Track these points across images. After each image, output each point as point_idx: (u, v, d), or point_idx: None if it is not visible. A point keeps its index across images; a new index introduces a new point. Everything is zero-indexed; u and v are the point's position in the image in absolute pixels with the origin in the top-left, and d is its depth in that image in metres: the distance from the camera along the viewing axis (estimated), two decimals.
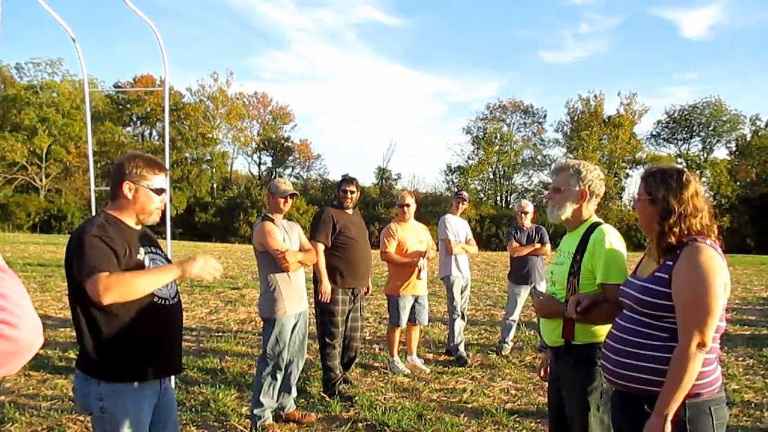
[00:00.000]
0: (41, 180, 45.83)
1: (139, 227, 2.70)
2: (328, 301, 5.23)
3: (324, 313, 5.34)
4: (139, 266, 2.56)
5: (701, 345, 2.14)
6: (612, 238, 2.79)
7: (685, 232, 2.28)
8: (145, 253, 2.63)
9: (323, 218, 5.37)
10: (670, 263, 2.26)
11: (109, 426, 2.50)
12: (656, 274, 2.30)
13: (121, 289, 2.37)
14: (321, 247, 5.24)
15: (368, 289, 5.83)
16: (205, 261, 2.62)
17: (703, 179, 49.28)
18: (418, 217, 6.56)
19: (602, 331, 2.72)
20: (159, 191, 2.67)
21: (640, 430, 2.22)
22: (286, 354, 4.51)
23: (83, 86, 5.02)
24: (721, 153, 51.83)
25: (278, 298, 4.45)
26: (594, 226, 2.88)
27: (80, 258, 2.42)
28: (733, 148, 51.30)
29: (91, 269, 2.37)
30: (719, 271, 2.19)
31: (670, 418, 2.15)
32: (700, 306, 2.15)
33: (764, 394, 5.53)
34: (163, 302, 2.63)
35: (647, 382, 2.24)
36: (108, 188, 2.72)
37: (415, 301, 6.24)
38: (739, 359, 6.86)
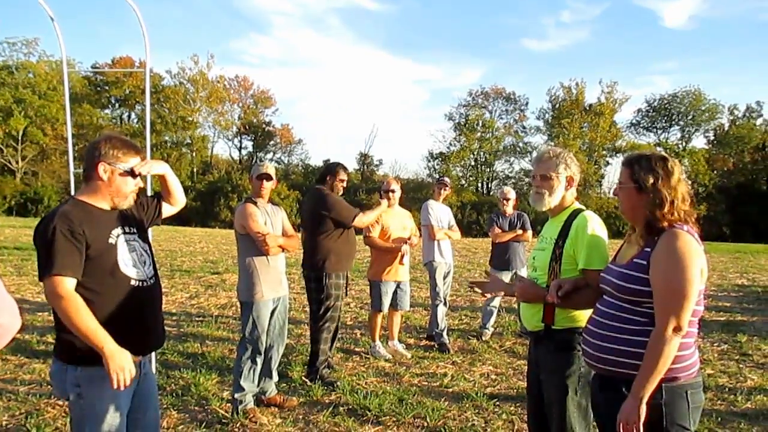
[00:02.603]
0: (17, 162, 45.00)
1: (113, 210, 2.63)
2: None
3: (327, 298, 5.23)
4: (109, 250, 2.52)
5: (677, 329, 2.18)
6: (594, 224, 2.81)
7: (676, 219, 2.30)
8: (119, 235, 2.58)
9: (336, 198, 5.37)
10: (648, 249, 2.29)
11: (87, 412, 2.48)
12: (635, 260, 2.33)
13: (67, 309, 2.35)
14: (359, 214, 5.38)
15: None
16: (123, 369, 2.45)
17: (682, 168, 49.82)
18: (401, 203, 6.55)
19: (582, 316, 2.76)
20: (134, 174, 2.61)
21: (618, 411, 2.27)
22: (264, 338, 4.50)
23: (61, 67, 4.92)
24: (699, 142, 52.51)
25: (256, 281, 4.43)
26: (576, 213, 2.91)
27: (45, 252, 2.40)
28: (711, 138, 51.96)
29: (55, 268, 2.36)
30: (696, 257, 2.22)
31: (645, 400, 2.19)
32: (676, 291, 2.18)
33: (738, 379, 5.65)
34: (140, 284, 2.60)
35: (626, 366, 2.28)
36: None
37: (397, 286, 6.25)
38: (714, 345, 6.99)
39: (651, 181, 2.33)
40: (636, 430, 2.20)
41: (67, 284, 2.37)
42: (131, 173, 2.60)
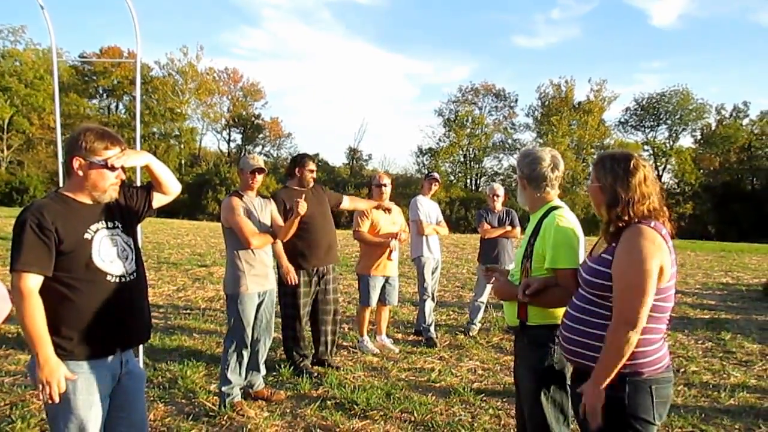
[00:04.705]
0: (2, 152, 44.54)
1: (97, 203, 2.59)
2: (294, 283, 5.14)
3: (286, 294, 5.29)
4: (84, 245, 2.48)
5: (632, 324, 2.21)
6: (563, 223, 2.79)
7: (634, 219, 2.32)
8: (98, 230, 2.54)
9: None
10: (614, 245, 2.32)
11: (61, 406, 2.45)
12: (602, 255, 2.37)
13: (21, 305, 2.34)
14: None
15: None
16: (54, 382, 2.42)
17: (669, 166, 50.32)
18: (391, 198, 6.54)
19: (557, 312, 2.77)
20: (110, 167, 2.53)
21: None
22: (250, 331, 4.49)
23: (50, 55, 4.88)
24: (686, 141, 53.06)
25: (241, 275, 4.42)
26: (550, 210, 2.90)
27: (13, 245, 2.40)
28: (698, 137, 52.46)
29: (19, 263, 2.36)
30: (655, 253, 2.23)
31: (603, 387, 2.26)
32: (632, 285, 2.21)
33: (722, 376, 5.71)
34: (119, 279, 2.57)
35: (595, 359, 2.31)
36: None
37: (386, 281, 6.26)
38: (699, 342, 7.06)
39: (609, 180, 2.38)
40: (598, 414, 2.27)
41: (29, 281, 2.35)
42: (106, 166, 2.52)
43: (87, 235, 2.51)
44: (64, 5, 61.66)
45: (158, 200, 2.91)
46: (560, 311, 2.76)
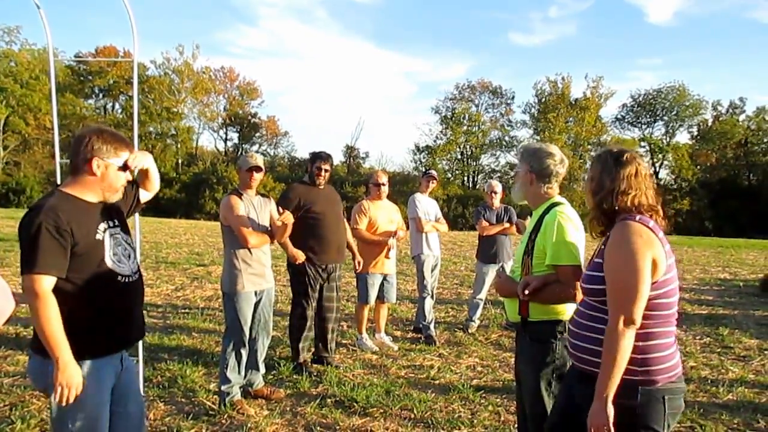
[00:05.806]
0: None
1: (99, 202, 2.59)
2: (301, 262, 5.18)
3: (299, 283, 5.31)
4: (97, 246, 2.49)
5: (628, 322, 2.13)
6: (563, 220, 2.79)
7: (616, 206, 2.30)
8: (105, 230, 2.55)
9: (288, 195, 5.28)
10: (604, 247, 2.30)
11: (69, 407, 2.43)
12: (595, 260, 2.33)
13: (39, 309, 2.32)
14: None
15: (359, 262, 6.06)
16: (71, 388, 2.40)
17: (665, 163, 50.36)
18: (388, 196, 6.55)
19: (559, 308, 2.79)
20: (125, 168, 2.60)
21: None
22: (247, 330, 4.50)
23: (46, 56, 4.86)
24: (683, 137, 53.06)
25: (238, 274, 4.43)
26: (551, 206, 2.90)
27: (28, 248, 2.35)
28: (695, 133, 52.46)
29: (36, 266, 2.32)
30: (644, 247, 2.17)
31: (610, 399, 2.14)
32: (624, 282, 2.15)
33: (720, 371, 5.74)
34: (126, 279, 2.58)
35: (599, 365, 2.24)
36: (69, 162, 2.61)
37: (384, 279, 6.26)
38: (697, 338, 7.08)
39: (599, 169, 2.39)
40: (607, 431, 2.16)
41: (46, 284, 2.33)
42: (125, 168, 2.58)
43: (98, 236, 2.51)
44: (59, 4, 61.46)
45: (143, 197, 2.98)
46: (562, 307, 2.78)
